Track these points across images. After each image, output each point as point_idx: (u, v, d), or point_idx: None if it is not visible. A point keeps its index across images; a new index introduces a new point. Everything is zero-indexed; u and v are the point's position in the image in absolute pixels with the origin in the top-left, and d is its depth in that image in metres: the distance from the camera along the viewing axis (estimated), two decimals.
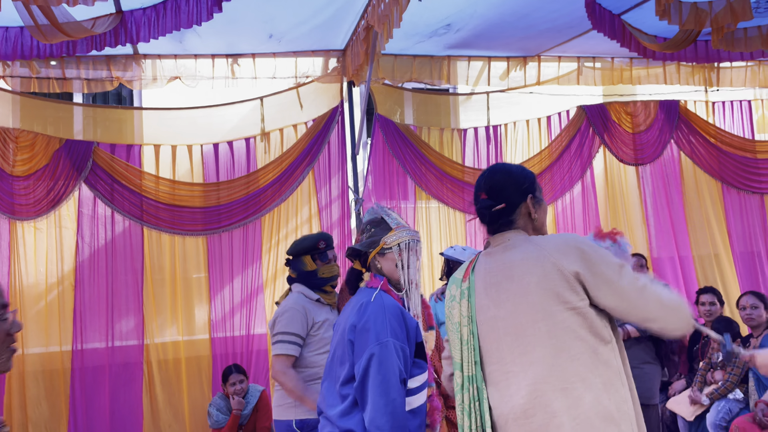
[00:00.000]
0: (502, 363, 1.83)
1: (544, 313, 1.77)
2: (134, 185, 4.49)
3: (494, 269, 1.90)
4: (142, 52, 4.49)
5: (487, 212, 1.95)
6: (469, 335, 1.89)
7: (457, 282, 1.99)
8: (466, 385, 1.87)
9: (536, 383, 1.75)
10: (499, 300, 1.86)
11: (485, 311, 1.89)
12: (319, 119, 4.80)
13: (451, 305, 1.97)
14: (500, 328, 1.84)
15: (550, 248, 1.81)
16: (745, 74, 5.49)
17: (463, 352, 1.90)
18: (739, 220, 5.55)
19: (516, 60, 5.16)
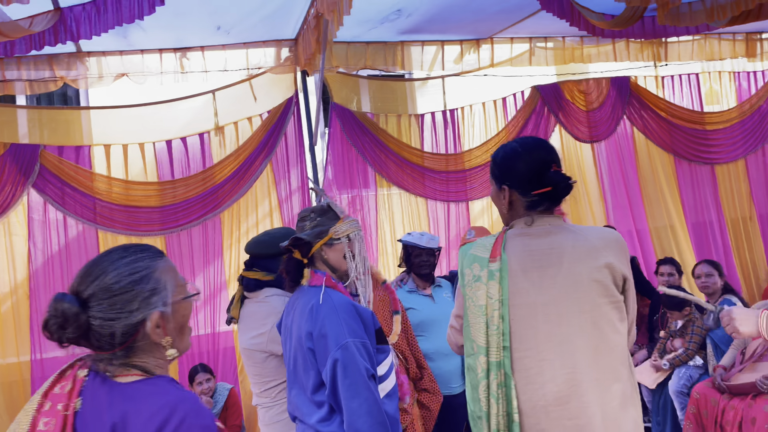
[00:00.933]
0: (537, 350, 1.77)
1: (591, 305, 1.77)
2: (86, 187, 4.35)
3: (537, 252, 1.81)
4: (85, 50, 4.35)
5: (567, 185, 1.84)
6: (499, 319, 1.78)
7: (482, 262, 1.84)
8: (493, 371, 1.78)
9: (574, 373, 1.74)
10: (542, 285, 1.79)
11: (523, 295, 1.79)
12: (274, 111, 4.73)
13: (475, 286, 1.84)
14: (540, 314, 1.78)
15: (603, 243, 1.82)
16: (692, 48, 5.61)
17: (489, 337, 1.79)
18: (690, 192, 5.70)
19: (469, 43, 5.17)
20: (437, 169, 5.14)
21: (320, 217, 2.25)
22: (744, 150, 5.82)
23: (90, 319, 1.25)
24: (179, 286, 1.34)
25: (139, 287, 1.27)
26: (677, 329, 4.28)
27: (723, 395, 3.61)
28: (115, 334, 1.25)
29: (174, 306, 1.31)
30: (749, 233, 5.80)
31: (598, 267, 1.78)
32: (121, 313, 1.25)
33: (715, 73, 5.90)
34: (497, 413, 1.76)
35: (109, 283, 1.25)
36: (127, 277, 1.26)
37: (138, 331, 1.27)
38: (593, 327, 1.77)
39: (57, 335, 1.24)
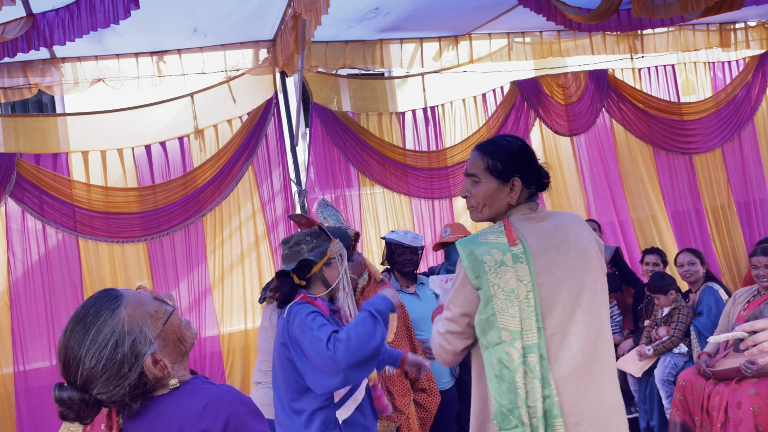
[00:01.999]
0: (565, 324, 1.83)
1: (598, 274, 1.93)
2: (64, 195, 4.29)
3: (547, 233, 1.92)
4: (59, 56, 4.28)
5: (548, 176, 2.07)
6: (534, 300, 1.82)
7: (500, 247, 1.87)
8: (528, 354, 1.80)
9: (596, 339, 1.85)
10: (561, 261, 1.88)
11: (547, 273, 1.87)
12: (254, 112, 4.70)
13: (501, 271, 1.84)
14: (564, 289, 1.86)
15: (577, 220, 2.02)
16: (667, 40, 5.68)
17: (524, 321, 1.81)
18: (669, 181, 5.77)
19: (447, 40, 5.18)
20: (420, 167, 5.15)
21: (317, 239, 2.38)
22: (721, 139, 5.90)
23: (97, 396, 1.28)
24: (153, 314, 1.33)
25: (119, 353, 1.27)
26: (662, 317, 4.33)
27: (708, 381, 3.66)
28: (125, 394, 1.28)
29: (161, 334, 1.33)
30: (728, 221, 5.88)
31: (591, 240, 1.98)
32: (119, 380, 1.27)
33: (691, 63, 5.97)
34: (538, 398, 1.77)
35: (90, 367, 1.26)
36: (104, 351, 1.26)
37: (143, 380, 1.30)
38: (602, 294, 1.92)
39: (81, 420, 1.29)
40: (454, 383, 3.84)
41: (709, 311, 4.18)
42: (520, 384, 1.79)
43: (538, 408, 1.77)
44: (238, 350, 4.58)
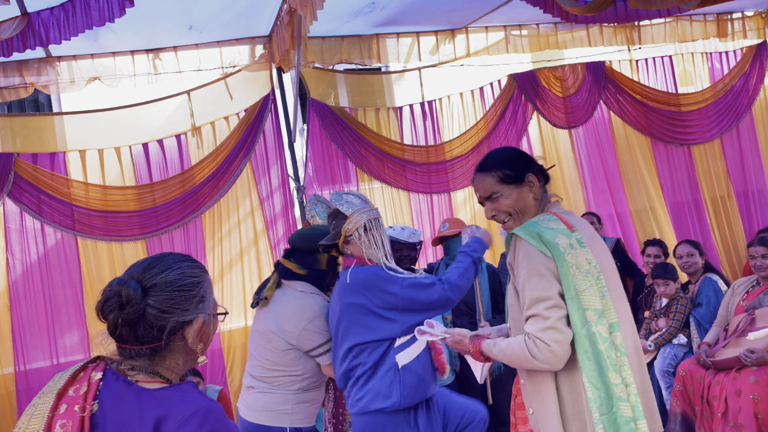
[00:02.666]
0: (618, 311, 1.91)
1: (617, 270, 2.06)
2: (62, 194, 4.28)
3: (583, 226, 2.01)
4: (55, 54, 4.27)
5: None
6: (606, 282, 1.89)
7: (564, 232, 1.90)
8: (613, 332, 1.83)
9: (634, 328, 2.00)
10: (598, 253, 1.96)
11: (599, 260, 1.95)
12: (251, 109, 4.69)
13: (574, 253, 1.85)
14: (611, 275, 1.97)
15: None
16: (664, 30, 5.66)
17: (604, 300, 1.85)
18: (668, 173, 5.76)
19: (444, 33, 5.17)
20: (418, 162, 5.14)
21: (335, 220, 2.59)
22: (719, 129, 5.89)
23: (147, 308, 1.29)
24: (215, 303, 1.43)
25: (195, 290, 1.35)
26: (662, 308, 4.33)
27: (708, 371, 3.66)
28: (165, 328, 1.31)
29: (214, 318, 1.41)
30: (728, 211, 5.88)
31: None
32: (177, 308, 1.32)
33: (688, 54, 5.96)
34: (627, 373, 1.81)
35: (173, 278, 1.32)
36: (189, 278, 1.34)
37: (182, 329, 1.33)
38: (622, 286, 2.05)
39: (113, 315, 1.29)
40: (454, 378, 3.85)
41: (708, 302, 4.18)
42: (614, 359, 1.80)
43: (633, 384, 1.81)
44: (239, 347, 4.58)
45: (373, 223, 2.56)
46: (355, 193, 2.64)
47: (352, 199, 2.59)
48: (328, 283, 2.88)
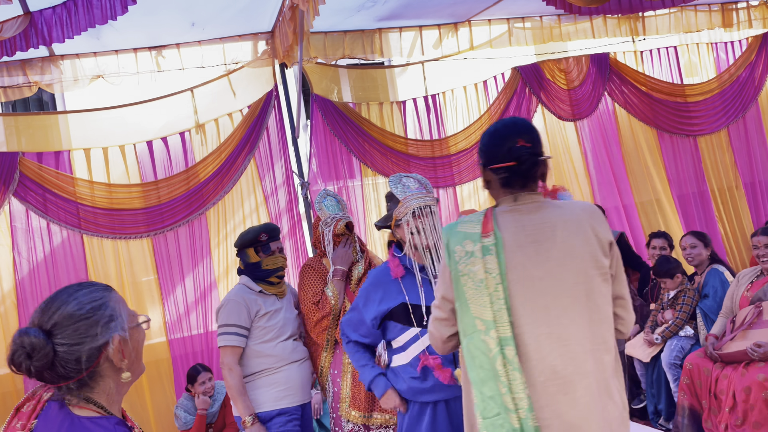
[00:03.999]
0: (535, 325, 1.77)
1: (585, 276, 1.80)
2: (68, 193, 4.30)
3: (530, 227, 1.82)
4: (58, 53, 4.28)
5: (532, 159, 1.83)
6: (504, 293, 1.77)
7: (473, 237, 1.83)
8: (505, 346, 1.76)
9: (570, 344, 1.77)
10: (538, 260, 1.80)
11: (519, 270, 1.80)
12: (254, 105, 4.69)
13: (470, 261, 1.81)
14: (537, 288, 1.79)
15: (587, 213, 1.86)
16: (669, 21, 5.62)
17: (496, 312, 1.77)
18: (674, 164, 5.73)
19: (447, 27, 5.14)
20: (422, 156, 5.13)
21: (389, 203, 2.63)
22: (725, 120, 5.85)
23: (56, 347, 1.31)
24: (131, 315, 1.44)
25: (99, 313, 1.36)
26: (668, 301, 4.31)
27: (715, 364, 3.65)
28: (81, 359, 1.32)
29: (129, 332, 1.41)
30: (736, 202, 5.84)
31: (588, 238, 1.82)
32: (86, 337, 1.34)
33: (693, 45, 5.91)
34: (521, 387, 1.74)
35: (72, 311, 1.34)
36: (88, 305, 1.36)
37: (101, 354, 1.35)
38: (587, 299, 1.79)
39: (24, 365, 1.30)
40: None
41: (714, 293, 4.17)
42: (501, 371, 1.75)
43: (524, 399, 1.74)
44: None
45: (424, 211, 2.50)
46: (416, 177, 2.61)
47: (410, 183, 2.57)
48: (265, 273, 3.15)
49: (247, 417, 2.99)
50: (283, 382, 3.09)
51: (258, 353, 3.09)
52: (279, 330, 3.13)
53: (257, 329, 3.09)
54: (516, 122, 1.93)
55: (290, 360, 3.13)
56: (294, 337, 3.22)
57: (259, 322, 3.09)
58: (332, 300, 3.15)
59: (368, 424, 3.07)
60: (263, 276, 3.18)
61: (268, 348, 3.09)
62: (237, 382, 3.01)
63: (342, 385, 3.14)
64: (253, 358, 3.09)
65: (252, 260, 3.19)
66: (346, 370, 3.14)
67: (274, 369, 3.10)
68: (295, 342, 3.21)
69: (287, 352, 3.13)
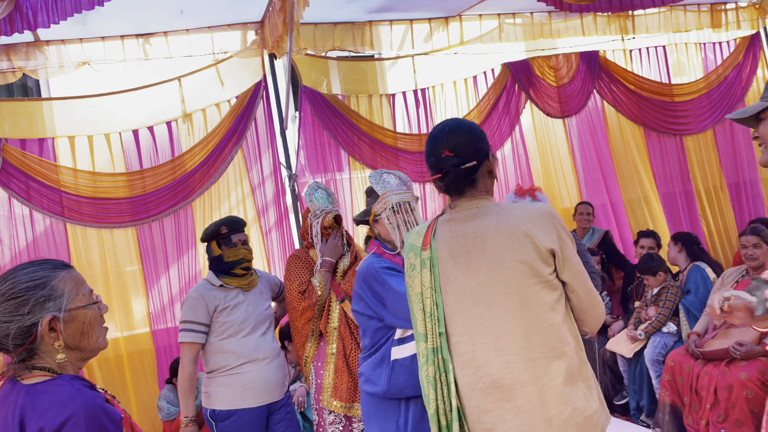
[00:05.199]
0: (470, 335, 1.79)
1: (518, 286, 1.76)
2: (51, 181, 4.24)
3: (463, 237, 1.82)
4: (43, 39, 4.22)
5: (454, 170, 1.81)
6: (433, 306, 1.82)
7: (416, 250, 1.88)
8: (431, 357, 1.82)
9: (507, 354, 1.76)
10: (470, 270, 1.80)
11: (453, 281, 1.82)
12: (242, 96, 4.65)
13: (412, 275, 1.88)
14: (470, 299, 1.80)
15: (526, 220, 1.78)
16: (658, 20, 5.65)
17: (426, 324, 1.83)
18: (660, 163, 5.77)
19: (438, 21, 5.13)
20: (411, 150, 5.12)
21: (368, 198, 2.62)
22: (712, 120, 5.89)
23: None
24: (82, 295, 1.46)
25: (32, 293, 1.39)
26: (652, 297, 4.35)
27: (697, 361, 3.68)
28: (10, 335, 1.38)
29: (72, 312, 1.43)
30: (720, 202, 5.89)
31: (521, 247, 1.76)
32: (14, 316, 1.38)
33: (682, 44, 5.95)
34: (436, 398, 1.81)
35: (5, 290, 1.39)
36: (23, 284, 1.40)
37: (33, 333, 1.39)
38: (522, 308, 1.76)
39: None
40: None
41: (696, 289, 4.21)
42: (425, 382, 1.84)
43: (441, 407, 1.81)
44: None
45: (403, 207, 2.53)
46: (397, 174, 2.63)
47: (391, 179, 2.59)
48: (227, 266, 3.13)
49: (184, 418, 3.00)
50: (241, 382, 3.04)
51: (218, 349, 3.06)
52: (239, 325, 3.08)
53: (216, 324, 3.07)
54: (443, 129, 1.87)
55: (252, 358, 3.07)
56: (261, 333, 3.15)
57: (218, 317, 3.07)
58: (319, 290, 3.14)
59: (350, 415, 3.06)
60: (227, 269, 3.14)
61: (229, 344, 3.06)
62: (185, 381, 3.02)
63: (324, 376, 3.13)
64: (213, 354, 3.07)
65: (215, 253, 3.17)
66: (329, 361, 3.13)
67: (234, 367, 3.06)
68: (262, 338, 3.13)
69: (249, 349, 3.07)
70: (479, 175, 1.84)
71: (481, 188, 1.86)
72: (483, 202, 1.84)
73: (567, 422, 1.73)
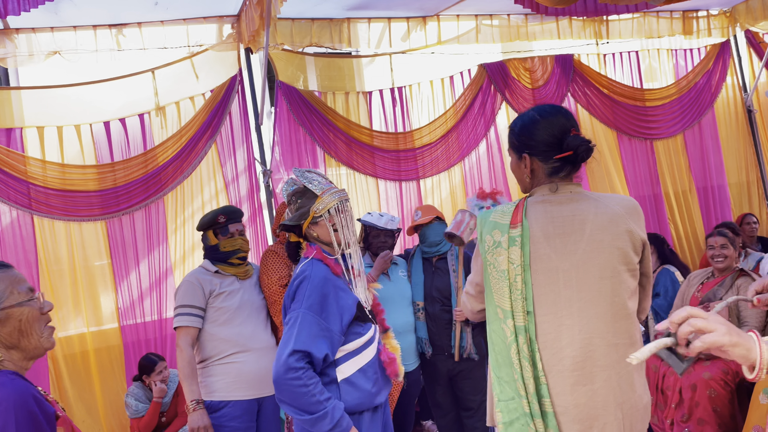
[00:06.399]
0: (557, 315, 1.81)
1: (612, 271, 1.81)
2: (18, 172, 4.14)
3: (560, 219, 1.85)
4: (13, 27, 4.11)
5: (587, 148, 1.85)
6: (522, 285, 1.82)
7: (502, 228, 1.88)
8: (521, 335, 1.81)
9: (591, 338, 1.79)
10: (565, 251, 1.83)
11: (544, 261, 1.83)
12: (217, 90, 4.60)
13: (496, 251, 1.87)
14: (561, 280, 1.82)
15: (623, 210, 1.86)
16: (632, 26, 5.74)
17: (513, 302, 1.83)
18: (631, 166, 5.87)
19: (416, 20, 5.14)
20: (387, 148, 5.12)
21: (301, 198, 2.38)
22: (682, 125, 6.01)
23: None
24: (17, 293, 1.47)
25: None
26: None
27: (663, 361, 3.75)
28: None
29: (6, 311, 1.44)
30: (689, 206, 6.01)
31: (619, 234, 1.83)
32: None
33: (654, 50, 6.06)
34: (530, 375, 1.80)
35: None
36: None
37: None
38: (613, 294, 1.81)
39: None
40: (418, 365, 3.86)
41: (665, 292, 4.29)
42: (515, 359, 1.82)
43: (531, 385, 1.80)
44: None
45: (344, 206, 2.38)
46: (318, 172, 2.49)
47: (319, 179, 2.44)
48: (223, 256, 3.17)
49: (190, 402, 2.91)
50: (235, 372, 3.02)
51: (212, 336, 3.04)
52: (234, 311, 3.07)
53: (211, 310, 3.05)
54: (561, 111, 1.93)
55: (247, 348, 3.05)
56: (256, 323, 3.13)
57: (213, 302, 3.05)
58: None
59: None
60: (222, 258, 3.17)
61: (223, 331, 3.03)
62: (185, 365, 2.95)
63: None
64: (207, 341, 3.04)
65: (211, 242, 3.19)
66: None
67: (228, 356, 3.03)
68: (257, 328, 3.12)
69: (244, 338, 3.05)
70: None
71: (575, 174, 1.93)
72: (577, 188, 1.91)
73: (633, 408, 1.82)
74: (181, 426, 3.93)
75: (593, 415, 1.79)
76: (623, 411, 1.80)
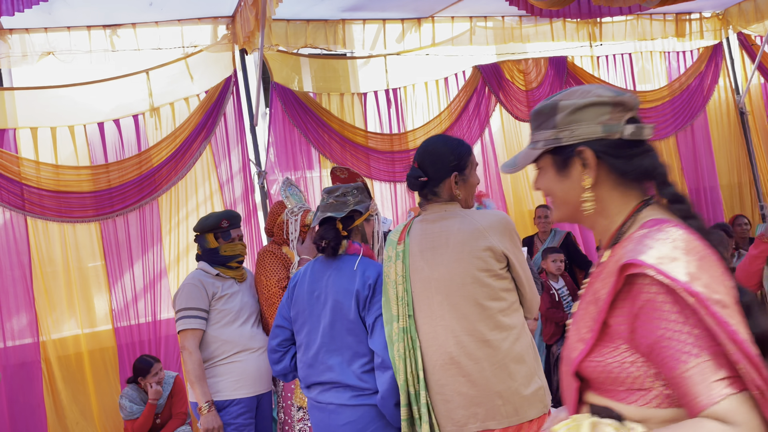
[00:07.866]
0: (433, 317, 2.10)
1: (472, 278, 2.06)
2: (12, 173, 4.12)
3: (430, 235, 2.13)
4: (6, 27, 4.10)
5: (412, 181, 2.18)
6: (404, 292, 2.14)
7: (392, 244, 2.21)
8: (401, 336, 2.12)
9: (462, 335, 2.05)
10: (434, 263, 2.11)
11: (420, 272, 2.13)
12: (212, 91, 4.59)
13: (388, 265, 2.20)
14: (433, 287, 2.10)
15: (485, 224, 2.09)
16: (625, 28, 5.77)
17: (399, 308, 2.15)
18: None
19: (410, 21, 5.15)
20: (381, 149, 5.13)
21: (362, 194, 2.46)
22: (674, 127, 6.05)
23: None
24: None
25: None
26: None
27: None
28: None
29: None
30: None
31: (479, 246, 2.07)
32: None
33: (647, 52, 6.09)
34: (405, 370, 2.11)
35: None
36: None
37: None
38: (475, 296, 2.06)
39: None
40: None
41: None
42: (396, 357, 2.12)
43: (410, 379, 2.10)
44: None
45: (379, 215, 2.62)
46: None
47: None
48: (223, 260, 3.16)
49: (204, 404, 2.95)
50: (238, 371, 3.06)
51: (214, 338, 3.06)
52: (236, 313, 3.11)
53: (214, 312, 3.07)
54: (422, 144, 2.26)
55: (247, 347, 3.10)
56: (253, 323, 3.18)
57: (216, 305, 3.08)
58: None
59: None
60: (222, 262, 3.18)
61: (225, 333, 3.06)
62: (195, 367, 2.97)
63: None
64: (210, 343, 3.06)
65: (210, 246, 3.18)
66: None
67: (230, 356, 3.07)
68: (254, 329, 3.17)
69: (245, 339, 3.10)
70: (441, 189, 2.14)
71: (445, 196, 2.15)
72: (450, 207, 2.16)
73: (515, 394, 2.03)
74: (175, 428, 3.93)
75: (476, 402, 2.03)
76: (503, 398, 2.03)
